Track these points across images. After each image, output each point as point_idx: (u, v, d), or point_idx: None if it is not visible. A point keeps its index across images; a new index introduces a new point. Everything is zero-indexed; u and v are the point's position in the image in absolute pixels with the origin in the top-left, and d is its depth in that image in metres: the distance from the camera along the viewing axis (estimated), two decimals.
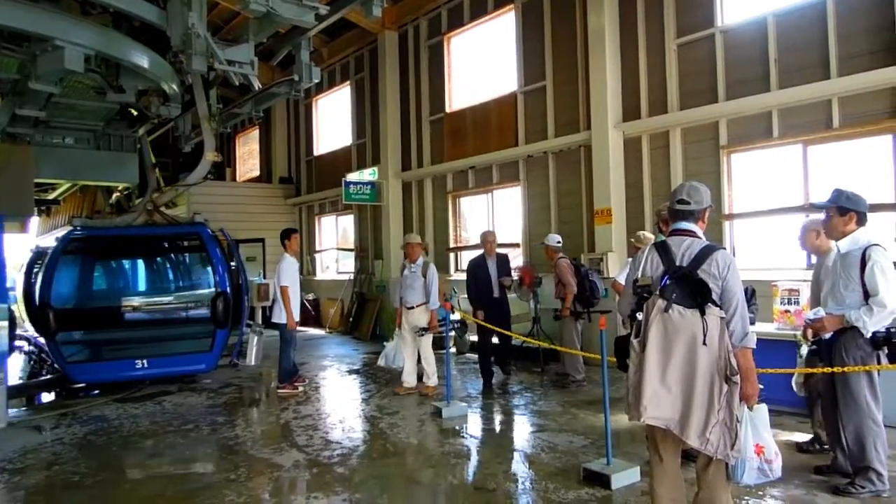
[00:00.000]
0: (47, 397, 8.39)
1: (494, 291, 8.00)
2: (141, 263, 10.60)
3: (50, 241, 11.16)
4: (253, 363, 8.66)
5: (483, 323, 7.74)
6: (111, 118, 10.65)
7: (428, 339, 7.62)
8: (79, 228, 8.79)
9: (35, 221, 16.03)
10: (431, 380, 7.60)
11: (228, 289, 8.36)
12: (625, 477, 4.40)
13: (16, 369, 10.87)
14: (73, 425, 6.62)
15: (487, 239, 8.30)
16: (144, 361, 8.00)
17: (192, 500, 4.45)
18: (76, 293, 9.19)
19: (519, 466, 5.00)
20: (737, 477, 3.17)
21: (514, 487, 4.54)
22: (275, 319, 7.90)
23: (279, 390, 7.79)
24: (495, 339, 8.29)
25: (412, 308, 7.56)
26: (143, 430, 6.36)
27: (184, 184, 9.14)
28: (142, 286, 10.66)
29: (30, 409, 7.60)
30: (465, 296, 8.46)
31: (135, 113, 10.41)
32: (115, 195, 12.67)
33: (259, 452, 5.53)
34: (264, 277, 13.26)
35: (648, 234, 6.96)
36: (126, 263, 10.39)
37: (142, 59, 7.50)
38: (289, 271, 7.89)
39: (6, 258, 6.57)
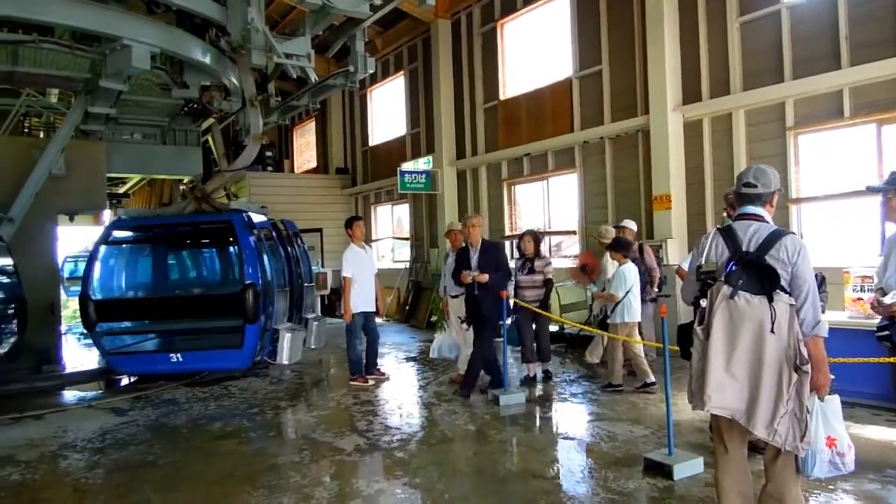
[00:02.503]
0: (124, 381, 8.73)
1: (475, 288, 6.78)
2: (178, 254, 10.36)
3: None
4: (285, 362, 7.96)
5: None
6: (176, 114, 11.05)
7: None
8: (119, 218, 8.68)
9: (107, 214, 16.77)
10: None
11: (259, 281, 7.54)
12: (688, 468, 4.32)
13: (94, 355, 11.44)
14: (146, 408, 6.94)
15: (466, 223, 7.04)
16: (179, 355, 7.77)
17: (259, 480, 4.62)
18: (113, 284, 9.18)
19: (578, 455, 4.98)
20: (807, 470, 3.06)
21: (574, 476, 4.52)
22: (339, 311, 7.82)
23: (350, 382, 7.71)
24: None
25: (455, 297, 7.51)
26: (211, 413, 6.62)
27: (230, 168, 9.17)
28: (178, 277, 10.38)
29: (107, 392, 7.98)
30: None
31: (196, 107, 10.69)
32: (182, 187, 13.15)
33: (321, 436, 5.67)
34: (322, 266, 13.56)
35: (611, 228, 8.00)
36: (162, 254, 10.10)
37: (204, 55, 7.74)
38: (352, 261, 7.71)
39: None
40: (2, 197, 8.62)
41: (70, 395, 7.87)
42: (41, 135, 12.64)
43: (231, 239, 8.48)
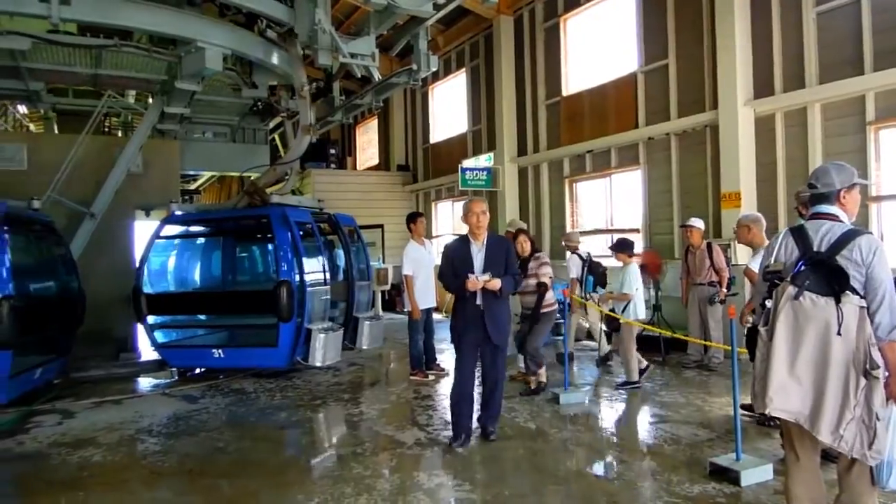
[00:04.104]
0: (196, 370, 9.06)
1: (477, 298, 5.10)
2: (225, 249, 10.24)
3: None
4: (318, 364, 7.53)
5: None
6: (245, 113, 11.44)
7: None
8: (172, 214, 8.63)
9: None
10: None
11: (295, 278, 7.32)
12: (756, 474, 4.19)
13: None
14: (216, 396, 7.23)
15: (472, 210, 5.20)
16: (220, 351, 7.88)
17: (323, 469, 4.76)
18: (165, 279, 9.38)
19: (640, 457, 4.89)
20: (882, 481, 2.93)
21: (636, 478, 4.45)
22: (403, 308, 7.85)
23: (411, 377, 7.80)
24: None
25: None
26: (277, 403, 6.83)
27: (281, 162, 9.34)
28: (225, 272, 10.27)
29: (180, 381, 8.34)
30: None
31: (269, 102, 10.99)
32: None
33: (382, 429, 5.78)
34: (383, 262, 13.75)
35: (574, 234, 9.01)
36: (210, 249, 10.16)
37: (272, 56, 7.97)
38: (413, 258, 7.74)
39: None
40: (85, 193, 9.13)
41: (145, 381, 8.25)
42: (119, 134, 13.30)
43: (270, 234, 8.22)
